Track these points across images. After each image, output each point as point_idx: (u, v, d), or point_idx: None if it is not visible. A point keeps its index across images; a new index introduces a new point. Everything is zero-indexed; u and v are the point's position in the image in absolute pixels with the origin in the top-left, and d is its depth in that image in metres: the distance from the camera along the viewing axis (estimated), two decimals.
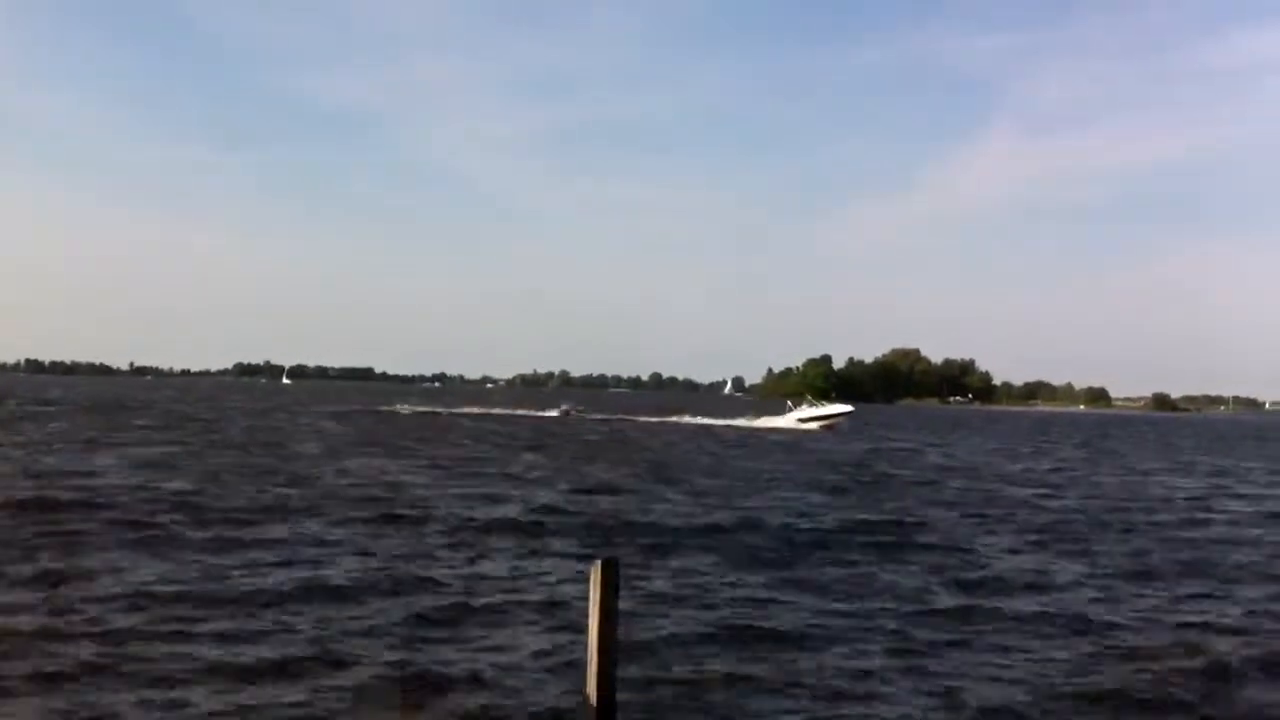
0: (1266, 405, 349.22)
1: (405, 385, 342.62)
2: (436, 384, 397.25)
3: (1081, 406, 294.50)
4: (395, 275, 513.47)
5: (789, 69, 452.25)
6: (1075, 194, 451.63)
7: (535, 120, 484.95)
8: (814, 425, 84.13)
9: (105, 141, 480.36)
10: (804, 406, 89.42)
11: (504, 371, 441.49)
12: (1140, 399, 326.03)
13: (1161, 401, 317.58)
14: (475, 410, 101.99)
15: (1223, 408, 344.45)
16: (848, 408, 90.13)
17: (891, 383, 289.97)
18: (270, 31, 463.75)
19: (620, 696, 10.04)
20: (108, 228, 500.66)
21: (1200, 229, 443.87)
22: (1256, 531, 27.98)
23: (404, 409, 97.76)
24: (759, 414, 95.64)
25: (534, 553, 20.55)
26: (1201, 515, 31.36)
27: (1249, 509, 33.99)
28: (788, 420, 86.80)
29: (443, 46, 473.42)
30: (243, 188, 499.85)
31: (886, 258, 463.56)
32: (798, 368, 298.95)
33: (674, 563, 19.97)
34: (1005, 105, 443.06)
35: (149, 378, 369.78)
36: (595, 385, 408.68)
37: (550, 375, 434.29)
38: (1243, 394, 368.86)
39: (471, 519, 24.50)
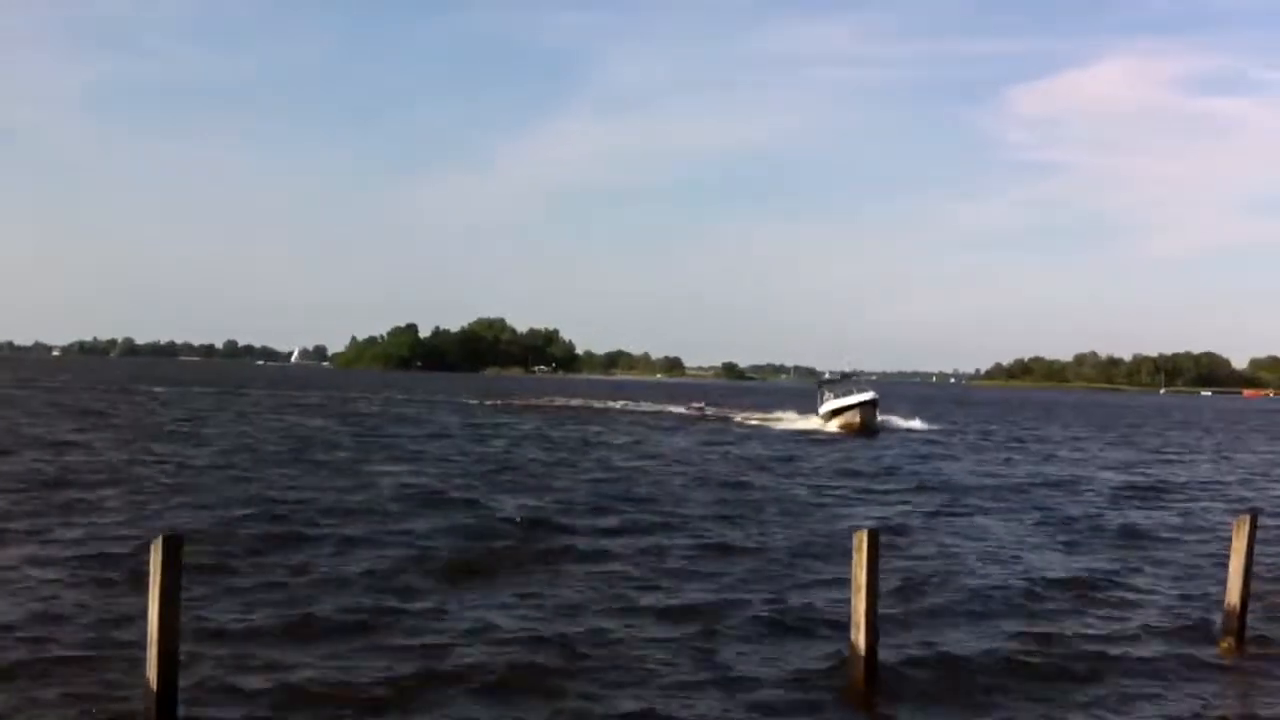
0: (826, 375, 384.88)
1: None
2: None
3: (659, 376, 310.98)
4: None
5: (376, 33, 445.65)
6: (649, 173, 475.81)
7: (97, 73, 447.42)
8: (835, 426, 59.22)
9: None
10: (828, 396, 63.67)
11: (59, 338, 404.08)
12: (711, 368, 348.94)
13: (731, 370, 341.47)
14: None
15: (784, 376, 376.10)
16: (869, 395, 60.75)
17: (477, 352, 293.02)
18: None
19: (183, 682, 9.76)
20: None
21: (765, 210, 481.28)
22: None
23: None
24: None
25: None
26: None
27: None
28: (811, 420, 63.66)
29: None
30: None
31: (472, 228, 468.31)
32: (382, 336, 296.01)
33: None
34: (588, 82, 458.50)
35: None
36: (164, 353, 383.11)
37: (113, 342, 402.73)
38: (802, 364, 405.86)
39: None
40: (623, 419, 68.60)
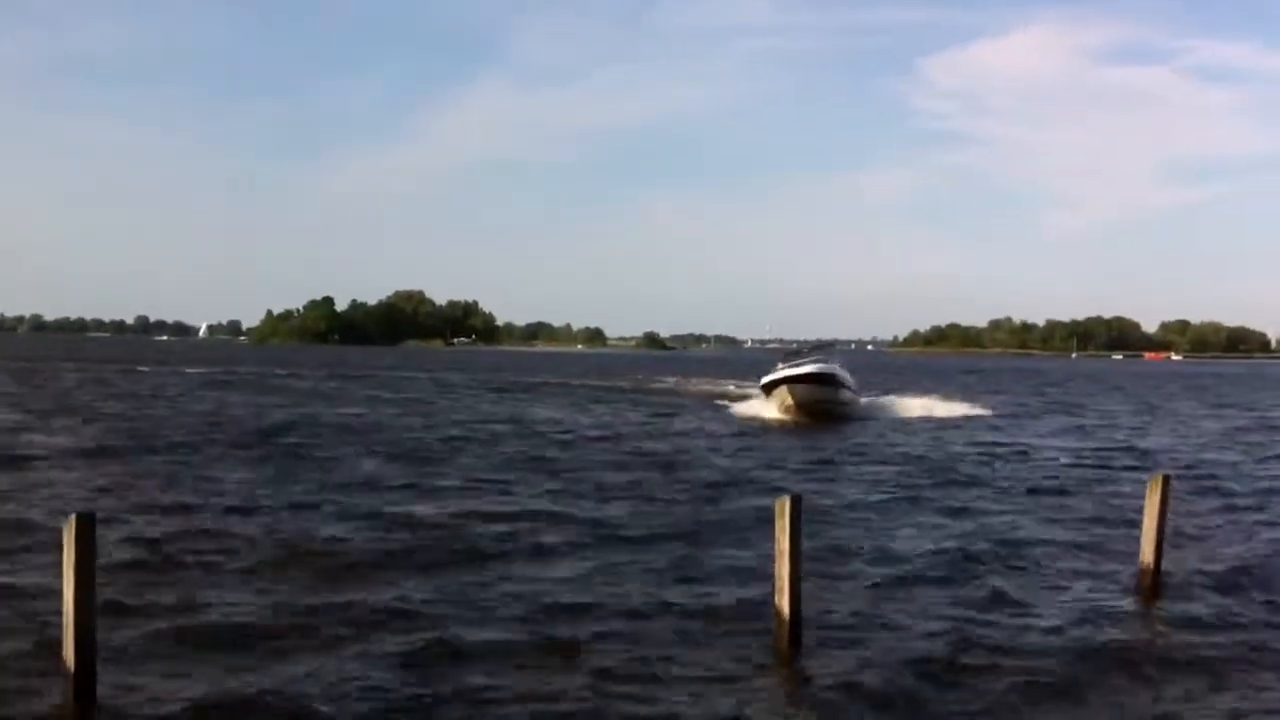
0: (748, 344, 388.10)
1: None
2: None
3: (580, 346, 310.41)
4: None
5: (274, 7, 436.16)
6: (567, 145, 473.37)
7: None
8: (774, 409, 43.94)
9: None
10: (780, 365, 45.78)
11: None
12: (633, 338, 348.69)
13: (652, 340, 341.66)
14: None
15: (705, 345, 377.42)
16: (816, 366, 44.35)
17: (396, 325, 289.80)
18: None
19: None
20: None
21: (683, 181, 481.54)
22: None
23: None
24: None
25: None
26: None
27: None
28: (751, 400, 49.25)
29: None
30: None
31: (387, 202, 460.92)
32: (298, 310, 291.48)
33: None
34: (505, 55, 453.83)
35: None
36: (73, 329, 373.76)
37: (20, 319, 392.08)
38: (723, 334, 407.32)
39: None
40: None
